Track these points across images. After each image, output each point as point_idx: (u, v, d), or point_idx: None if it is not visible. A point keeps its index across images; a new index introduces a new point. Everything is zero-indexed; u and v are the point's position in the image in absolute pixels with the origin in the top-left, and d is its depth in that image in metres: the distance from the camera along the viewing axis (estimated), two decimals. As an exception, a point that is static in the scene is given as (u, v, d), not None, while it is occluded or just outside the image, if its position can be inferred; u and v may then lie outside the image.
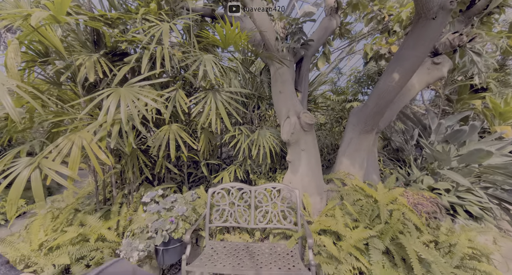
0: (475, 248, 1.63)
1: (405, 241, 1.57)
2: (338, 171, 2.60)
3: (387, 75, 2.11)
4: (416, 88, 2.49)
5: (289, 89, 2.71)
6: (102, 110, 1.45)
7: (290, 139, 2.47)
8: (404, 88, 2.54)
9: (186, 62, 2.06)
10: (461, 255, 1.59)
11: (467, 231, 1.74)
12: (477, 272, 1.53)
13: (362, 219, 1.99)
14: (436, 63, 2.43)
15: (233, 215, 2.18)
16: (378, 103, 2.26)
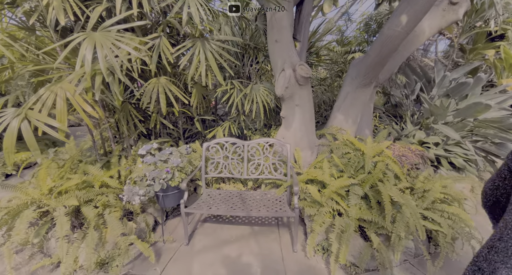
0: (447, 194, 1.79)
1: (381, 188, 1.71)
2: (331, 126, 2.62)
3: (394, 18, 1.86)
4: (426, 34, 2.24)
5: (287, 37, 2.45)
6: (78, 58, 1.35)
7: (284, 93, 2.38)
8: (411, 34, 2.29)
9: (166, 2, 1.79)
10: (432, 199, 1.76)
11: (442, 179, 1.87)
12: (444, 213, 1.72)
13: (347, 170, 2.12)
14: (454, 3, 2.10)
15: (227, 167, 2.32)
16: (380, 52, 2.07)
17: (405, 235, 1.58)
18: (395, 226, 1.61)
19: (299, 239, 2.02)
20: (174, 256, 1.81)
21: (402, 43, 2.34)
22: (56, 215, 1.49)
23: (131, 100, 2.33)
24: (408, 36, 2.32)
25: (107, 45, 1.44)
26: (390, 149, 2.14)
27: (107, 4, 1.70)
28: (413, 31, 2.28)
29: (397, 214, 1.66)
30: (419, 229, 1.51)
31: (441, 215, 1.72)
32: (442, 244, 1.56)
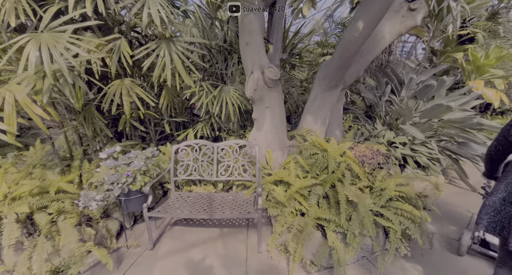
0: (401, 191, 1.87)
1: (339, 187, 1.77)
2: (301, 127, 2.67)
3: (352, 24, 1.92)
4: (387, 40, 2.33)
5: (257, 40, 2.47)
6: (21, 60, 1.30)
7: (254, 96, 2.41)
8: (373, 39, 2.38)
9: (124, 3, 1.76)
10: (388, 197, 1.84)
11: (395, 178, 1.96)
12: (398, 210, 1.81)
13: (313, 170, 2.18)
14: (412, 9, 2.20)
15: (197, 170, 2.32)
16: (342, 56, 2.14)
17: (359, 232, 1.64)
18: (350, 224, 1.67)
19: (266, 239, 2.06)
20: (136, 262, 1.79)
21: (366, 48, 2.43)
22: (5, 223, 1.45)
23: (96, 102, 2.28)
24: (371, 41, 2.42)
25: (55, 46, 1.40)
26: (352, 150, 2.21)
27: (60, 4, 1.66)
28: (375, 36, 2.37)
29: (353, 213, 1.73)
30: (369, 227, 1.57)
31: (395, 212, 1.80)
32: (392, 240, 1.64)
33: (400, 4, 2.26)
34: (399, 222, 1.70)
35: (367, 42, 2.45)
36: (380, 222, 1.75)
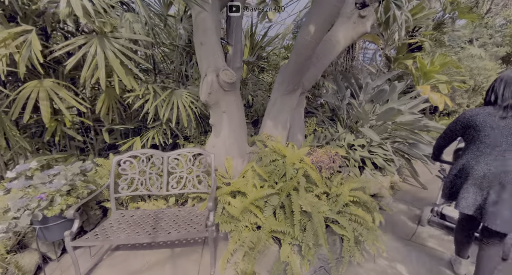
0: (355, 196, 1.87)
1: (294, 196, 1.69)
2: (262, 133, 2.57)
3: (304, 28, 1.88)
4: (342, 44, 2.36)
5: (212, 40, 2.30)
6: None
7: (208, 100, 2.23)
8: (328, 44, 2.39)
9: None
10: (343, 203, 1.82)
11: (349, 183, 1.96)
12: (353, 216, 1.79)
13: (271, 178, 2.08)
14: (362, 16, 2.26)
15: (144, 183, 2.05)
16: (297, 60, 2.09)
17: (314, 243, 1.57)
18: (305, 236, 1.60)
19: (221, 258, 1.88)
20: (56, 303, 1.47)
21: (322, 52, 2.43)
22: None
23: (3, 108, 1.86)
24: (326, 45, 2.43)
25: None
26: (311, 155, 2.17)
27: None
28: (330, 41, 2.39)
29: (308, 223, 1.65)
30: (321, 237, 1.51)
31: (350, 218, 1.78)
32: (346, 248, 1.61)
33: (351, 11, 2.30)
34: (353, 229, 1.68)
35: (323, 46, 2.47)
36: (335, 230, 1.71)
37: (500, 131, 1.35)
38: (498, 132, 1.35)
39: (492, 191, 1.33)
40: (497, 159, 1.35)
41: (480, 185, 1.38)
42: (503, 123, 1.34)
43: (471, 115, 1.44)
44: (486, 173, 1.36)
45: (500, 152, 1.35)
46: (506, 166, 1.32)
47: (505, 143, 1.34)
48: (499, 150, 1.35)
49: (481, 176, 1.37)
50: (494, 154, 1.36)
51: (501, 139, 1.34)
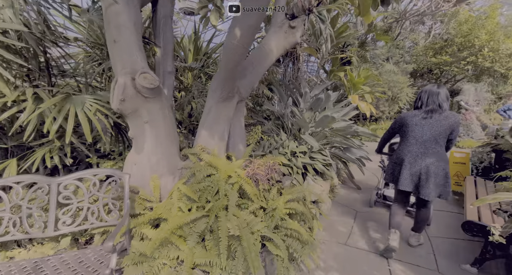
0: (291, 208, 1.79)
1: (222, 219, 1.48)
2: (196, 144, 2.30)
3: (230, 31, 1.76)
4: (275, 53, 2.35)
5: (129, 38, 1.93)
6: None
7: (122, 108, 1.84)
8: (261, 51, 2.36)
9: None
10: (278, 218, 1.71)
11: (284, 195, 1.90)
12: (288, 230, 1.69)
13: (204, 197, 1.82)
14: (292, 26, 2.31)
15: (19, 224, 1.49)
16: (227, 66, 1.94)
17: (244, 272, 1.37)
18: (234, 264, 1.39)
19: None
20: None
21: (256, 59, 2.37)
22: None
23: None
24: (260, 53, 2.38)
25: None
26: (247, 167, 2.02)
27: None
28: (263, 49, 2.35)
29: (238, 247, 1.46)
30: (252, 264, 1.33)
31: (286, 234, 1.68)
32: (279, 269, 1.47)
33: (282, 20, 2.33)
34: (287, 246, 1.57)
35: (257, 54, 2.41)
36: (271, 249, 1.56)
37: (422, 127, 1.84)
38: (421, 128, 1.85)
39: (420, 172, 1.81)
40: (420, 147, 1.84)
41: (411, 168, 1.85)
42: (425, 122, 1.84)
43: (404, 117, 1.96)
44: (414, 159, 1.84)
45: (423, 143, 1.84)
46: (427, 152, 1.82)
47: (425, 135, 1.83)
48: (422, 141, 1.84)
49: (412, 161, 1.85)
50: (418, 144, 1.85)
51: (423, 133, 1.84)
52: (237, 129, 2.64)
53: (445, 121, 1.79)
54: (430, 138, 1.82)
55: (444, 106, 1.83)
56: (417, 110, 1.91)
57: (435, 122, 1.81)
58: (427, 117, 1.84)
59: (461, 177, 3.23)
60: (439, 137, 1.80)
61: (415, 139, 1.86)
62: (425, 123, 1.83)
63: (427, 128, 1.82)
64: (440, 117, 1.80)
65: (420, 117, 1.86)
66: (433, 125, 1.81)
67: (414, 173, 1.83)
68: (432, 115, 1.83)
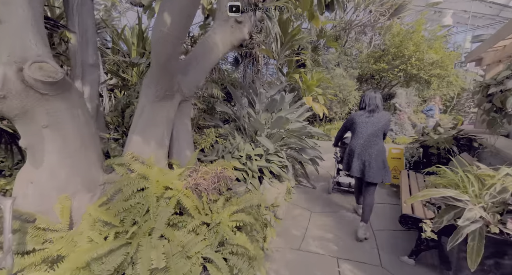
0: (238, 221, 1.60)
1: (145, 246, 1.18)
2: (126, 152, 1.90)
3: (158, 17, 1.47)
4: (220, 48, 2.14)
5: (20, 17, 1.44)
6: None
7: (3, 108, 1.35)
8: (206, 45, 2.11)
9: None
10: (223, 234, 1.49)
11: (230, 206, 1.70)
12: (234, 247, 1.49)
13: (129, 219, 1.47)
14: (239, 21, 2.14)
15: None
16: (158, 61, 1.64)
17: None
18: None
19: None
20: None
21: (199, 54, 2.12)
22: None
23: None
24: (203, 47, 2.13)
25: None
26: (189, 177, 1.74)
27: None
28: (207, 42, 2.12)
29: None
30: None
31: (231, 251, 1.47)
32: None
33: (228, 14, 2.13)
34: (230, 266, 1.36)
35: (200, 48, 2.16)
36: (211, 273, 1.33)
37: (366, 124, 2.26)
38: (366, 125, 2.26)
39: (365, 160, 2.22)
40: (364, 141, 2.25)
41: (359, 157, 2.26)
42: (368, 119, 2.27)
43: (353, 116, 2.38)
44: (361, 150, 2.25)
45: (367, 137, 2.24)
46: (370, 144, 2.23)
47: (369, 131, 2.24)
48: (366, 135, 2.25)
49: (359, 152, 2.27)
50: (363, 138, 2.26)
51: (367, 129, 2.25)
52: (182, 133, 2.33)
53: (382, 118, 2.26)
54: (372, 133, 2.24)
55: (380, 107, 2.29)
56: (362, 110, 2.35)
57: (375, 120, 2.26)
58: (370, 116, 2.28)
59: (397, 171, 3.59)
60: (378, 131, 2.24)
61: (362, 134, 2.27)
62: (368, 121, 2.27)
63: (370, 125, 2.25)
64: (378, 115, 2.26)
65: (365, 116, 2.29)
66: (374, 122, 2.25)
67: (361, 161, 2.25)
68: (373, 114, 2.27)
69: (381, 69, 7.74)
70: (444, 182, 1.38)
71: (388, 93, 9.30)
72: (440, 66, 7.03)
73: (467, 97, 9.53)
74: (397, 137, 6.74)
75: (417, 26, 6.87)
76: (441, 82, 7.62)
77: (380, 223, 2.52)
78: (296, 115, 3.87)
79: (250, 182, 2.85)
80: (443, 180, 1.40)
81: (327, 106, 7.31)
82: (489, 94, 2.03)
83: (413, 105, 7.87)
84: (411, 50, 6.89)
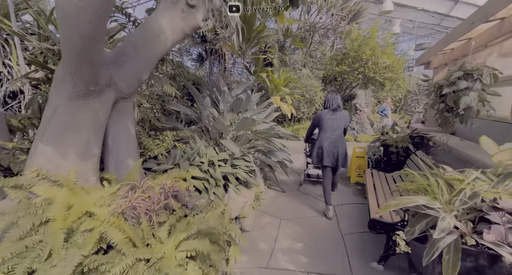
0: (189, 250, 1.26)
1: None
2: (29, 168, 1.38)
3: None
4: (168, 35, 1.76)
5: None
6: None
7: None
8: (148, 30, 1.71)
9: None
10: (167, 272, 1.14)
11: (177, 233, 1.35)
12: (182, 285, 1.15)
13: (24, 266, 1.01)
14: (191, 5, 1.80)
15: None
16: (73, 44, 1.20)
17: None
18: None
19: None
20: None
21: (139, 40, 1.70)
22: None
23: None
24: (145, 32, 1.72)
25: None
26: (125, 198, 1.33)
27: None
28: (150, 27, 1.71)
29: None
30: None
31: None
32: None
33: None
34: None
35: (140, 33, 1.74)
36: None
37: (332, 121, 2.59)
38: (331, 122, 2.58)
39: (334, 152, 2.55)
40: (331, 135, 2.58)
41: (330, 150, 2.56)
42: (333, 117, 2.60)
43: (320, 114, 2.65)
44: (330, 143, 2.56)
45: (333, 132, 2.58)
46: (336, 138, 2.57)
47: (334, 126, 2.58)
48: (332, 130, 2.58)
49: (328, 145, 2.56)
50: (329, 132, 2.58)
51: (333, 125, 2.58)
52: (122, 138, 1.87)
53: (343, 116, 2.65)
54: (337, 128, 2.60)
55: (341, 106, 2.66)
56: (327, 109, 2.67)
57: (338, 117, 2.62)
58: (333, 114, 2.62)
59: (361, 169, 3.67)
60: (341, 126, 2.63)
61: (329, 129, 2.60)
62: (333, 118, 2.61)
63: (334, 122, 2.60)
64: (340, 113, 2.63)
65: (330, 114, 2.62)
66: (338, 119, 2.61)
67: (331, 153, 2.57)
68: (336, 112, 2.62)
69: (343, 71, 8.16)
70: (414, 187, 1.30)
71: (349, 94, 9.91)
72: (392, 70, 7.73)
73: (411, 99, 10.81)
74: (358, 135, 7.15)
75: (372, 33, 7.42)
76: (392, 85, 8.41)
77: (348, 226, 2.46)
78: (263, 115, 3.66)
79: (214, 192, 2.51)
80: (412, 185, 1.32)
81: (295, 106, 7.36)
82: (443, 94, 2.12)
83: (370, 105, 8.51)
84: (368, 54, 7.41)
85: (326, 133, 2.58)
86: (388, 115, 7.61)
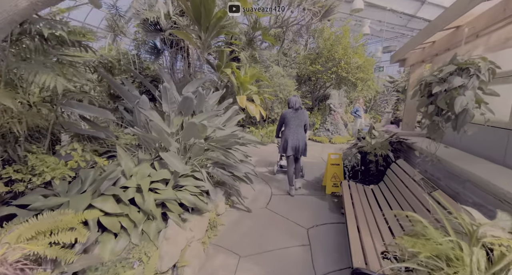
0: None
1: None
2: None
3: None
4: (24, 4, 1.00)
5: None
6: None
7: None
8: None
9: None
10: None
11: None
12: None
13: None
14: None
15: None
16: None
17: None
18: None
19: None
20: None
21: None
22: None
23: None
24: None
25: None
26: None
27: None
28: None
29: None
30: None
31: None
32: None
33: None
34: None
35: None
36: None
37: (294, 119, 3.12)
38: (294, 119, 3.12)
39: (296, 144, 3.10)
40: (294, 131, 3.11)
41: (292, 142, 3.09)
42: (295, 115, 3.12)
43: (285, 113, 3.16)
44: (293, 136, 3.10)
45: (295, 128, 3.12)
46: (298, 133, 3.11)
47: (296, 123, 3.12)
48: (295, 126, 3.12)
49: (291, 139, 3.09)
50: (293, 128, 3.11)
51: (295, 122, 3.12)
52: None
53: (304, 114, 3.15)
54: (298, 125, 3.11)
55: (301, 105, 3.17)
56: (290, 109, 3.15)
57: (299, 115, 3.11)
58: (295, 112, 3.11)
59: (337, 178, 3.25)
60: (302, 123, 3.13)
61: (292, 125, 3.10)
62: (295, 116, 3.10)
63: (296, 119, 3.10)
64: (300, 112, 3.13)
65: (293, 113, 3.11)
66: (299, 117, 3.11)
67: (294, 145, 3.08)
68: (298, 111, 3.12)
69: (316, 70, 7.89)
70: (428, 250, 0.79)
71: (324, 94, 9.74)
72: (363, 70, 7.67)
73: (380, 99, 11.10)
74: (333, 137, 6.90)
75: (344, 32, 7.24)
76: (363, 85, 8.41)
77: (324, 261, 1.94)
78: (224, 118, 3.00)
79: (142, 229, 1.80)
80: (425, 247, 0.81)
81: (268, 107, 6.82)
82: (431, 94, 1.70)
83: (344, 105, 8.40)
84: (340, 54, 7.21)
85: (290, 128, 3.09)
86: (361, 116, 7.53)
